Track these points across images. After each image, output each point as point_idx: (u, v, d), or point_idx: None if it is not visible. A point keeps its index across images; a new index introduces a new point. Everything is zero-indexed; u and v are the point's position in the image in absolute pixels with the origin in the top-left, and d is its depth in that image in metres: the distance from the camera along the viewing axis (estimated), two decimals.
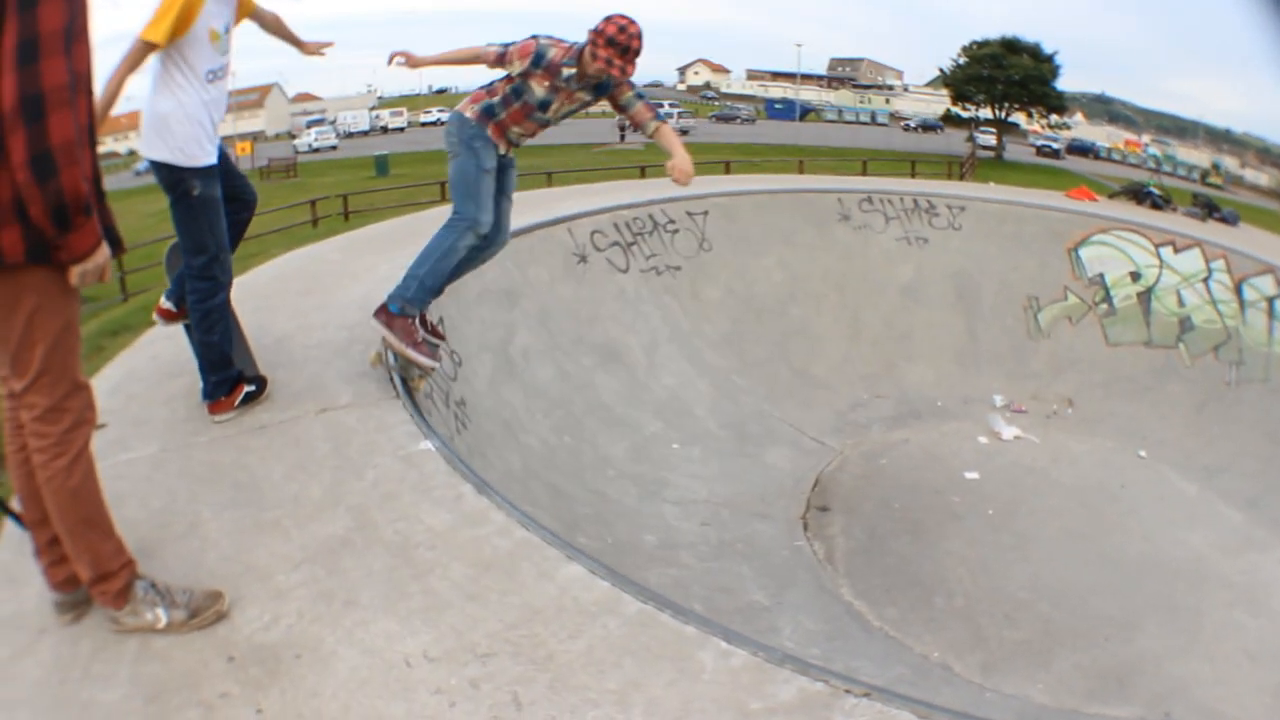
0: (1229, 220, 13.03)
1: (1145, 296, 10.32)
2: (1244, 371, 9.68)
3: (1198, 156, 49.17)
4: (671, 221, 9.13)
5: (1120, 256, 10.49)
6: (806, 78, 70.48)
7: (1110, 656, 6.05)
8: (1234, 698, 5.93)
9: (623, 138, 42.04)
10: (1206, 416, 9.42)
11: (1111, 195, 13.44)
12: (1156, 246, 10.57)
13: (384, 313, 4.45)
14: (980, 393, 9.47)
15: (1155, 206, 13.02)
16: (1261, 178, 48.11)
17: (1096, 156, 48.36)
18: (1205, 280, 10.27)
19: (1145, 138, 51.74)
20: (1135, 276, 10.40)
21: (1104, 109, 54.30)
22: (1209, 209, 13.16)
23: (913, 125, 55.36)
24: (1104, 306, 10.33)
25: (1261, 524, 8.01)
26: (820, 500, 7.09)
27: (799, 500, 7.06)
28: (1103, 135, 51.10)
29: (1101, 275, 10.43)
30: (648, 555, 5.54)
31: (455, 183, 4.48)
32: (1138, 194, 13.40)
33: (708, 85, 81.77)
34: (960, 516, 7.24)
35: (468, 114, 4.46)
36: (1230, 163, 48.83)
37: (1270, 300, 9.86)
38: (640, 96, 4.46)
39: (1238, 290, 10.08)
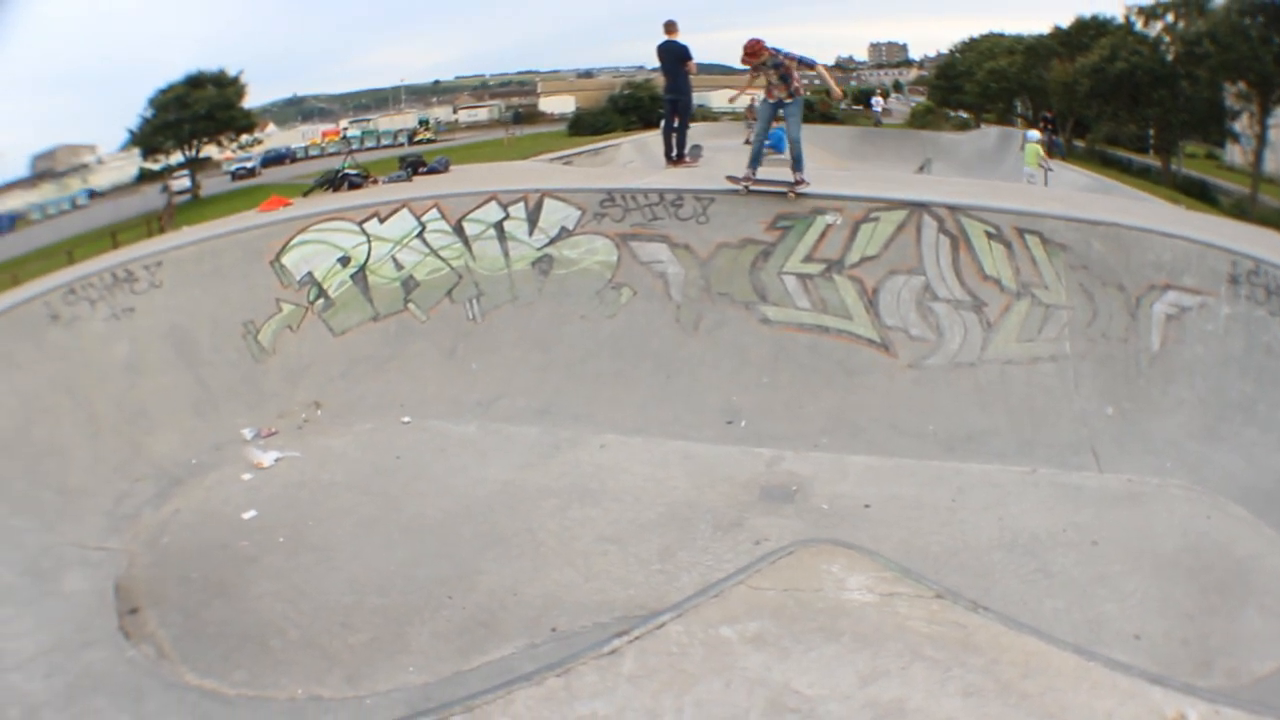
0: (439, 169, 13.56)
1: (360, 275, 10.29)
2: (487, 301, 10.23)
3: (404, 120, 52.49)
4: None
5: (326, 248, 10.28)
6: (8, 186, 57.21)
7: (462, 610, 6.21)
8: (611, 585, 6.35)
9: None
10: (460, 358, 9.95)
11: (307, 193, 12.96)
12: (361, 224, 10.43)
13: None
14: (228, 434, 8.90)
15: (355, 186, 12.90)
16: (480, 114, 54.35)
17: (294, 159, 46.43)
18: (420, 235, 10.45)
19: (344, 123, 52.34)
20: (345, 261, 10.28)
21: (296, 110, 54.66)
22: (414, 167, 13.49)
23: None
24: (320, 302, 10.09)
25: (559, 428, 8.80)
26: (128, 604, 6.38)
27: (108, 614, 6.23)
28: (298, 136, 50.41)
29: (310, 273, 10.13)
30: None
31: None
32: (333, 181, 13.12)
33: None
34: (255, 558, 6.98)
35: None
36: (440, 113, 53.06)
37: (496, 224, 10.48)
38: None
39: (459, 230, 10.43)
